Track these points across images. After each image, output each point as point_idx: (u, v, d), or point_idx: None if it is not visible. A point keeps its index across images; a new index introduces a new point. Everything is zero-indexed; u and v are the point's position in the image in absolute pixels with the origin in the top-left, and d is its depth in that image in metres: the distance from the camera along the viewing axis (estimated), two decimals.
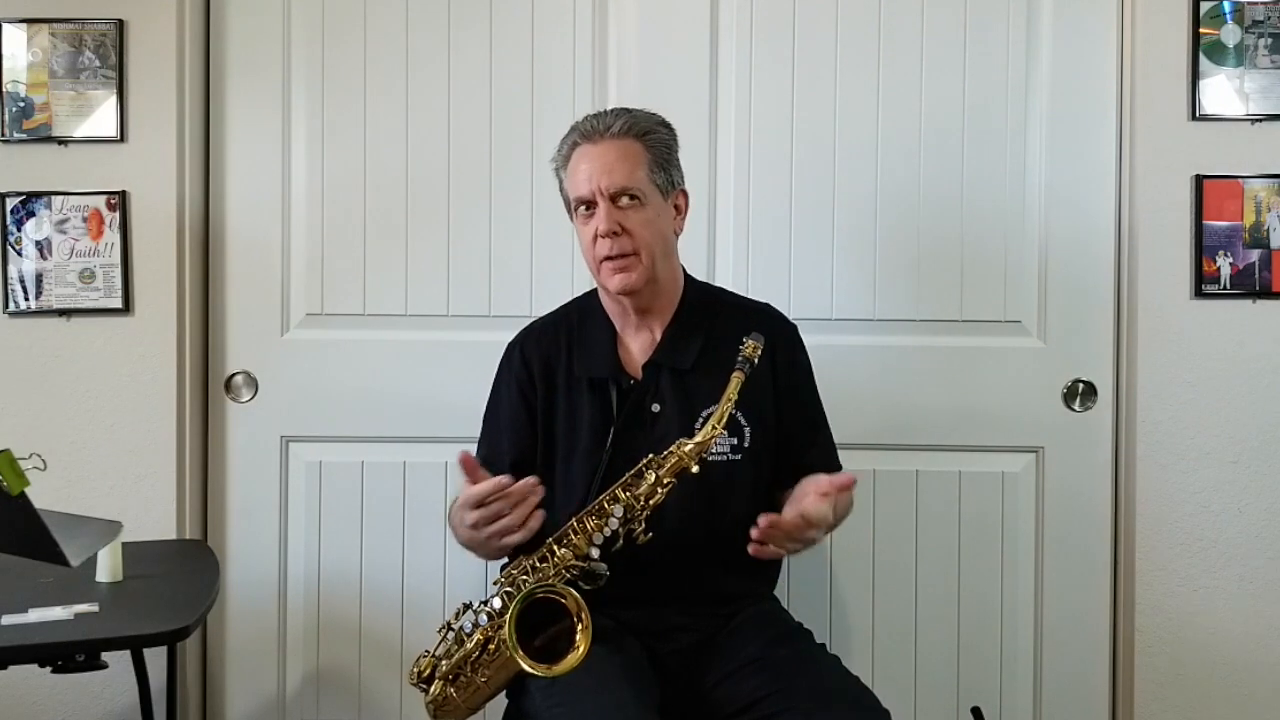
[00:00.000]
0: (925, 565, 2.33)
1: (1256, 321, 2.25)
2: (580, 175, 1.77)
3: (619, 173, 1.75)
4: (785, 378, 1.85)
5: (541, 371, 1.86)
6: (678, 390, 1.80)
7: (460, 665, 1.72)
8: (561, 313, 1.96)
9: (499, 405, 1.91)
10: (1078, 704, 2.33)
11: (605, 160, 1.76)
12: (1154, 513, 2.27)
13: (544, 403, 1.85)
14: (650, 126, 1.81)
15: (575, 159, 1.79)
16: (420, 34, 2.34)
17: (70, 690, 2.24)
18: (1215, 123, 2.25)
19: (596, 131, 1.78)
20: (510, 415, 1.87)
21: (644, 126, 1.80)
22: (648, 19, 2.34)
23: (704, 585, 1.80)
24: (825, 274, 2.33)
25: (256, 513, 2.36)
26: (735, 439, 1.79)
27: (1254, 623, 2.27)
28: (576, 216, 1.82)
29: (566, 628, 1.61)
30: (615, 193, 1.75)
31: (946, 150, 2.31)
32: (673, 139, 1.84)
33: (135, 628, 1.71)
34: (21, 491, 1.49)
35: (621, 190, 1.75)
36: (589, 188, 1.76)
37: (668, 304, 1.85)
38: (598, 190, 1.75)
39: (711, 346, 1.81)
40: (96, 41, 2.25)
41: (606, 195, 1.75)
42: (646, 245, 1.76)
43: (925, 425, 2.32)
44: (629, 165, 1.76)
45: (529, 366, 1.87)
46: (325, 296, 2.35)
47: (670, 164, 1.82)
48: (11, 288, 2.26)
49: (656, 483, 1.65)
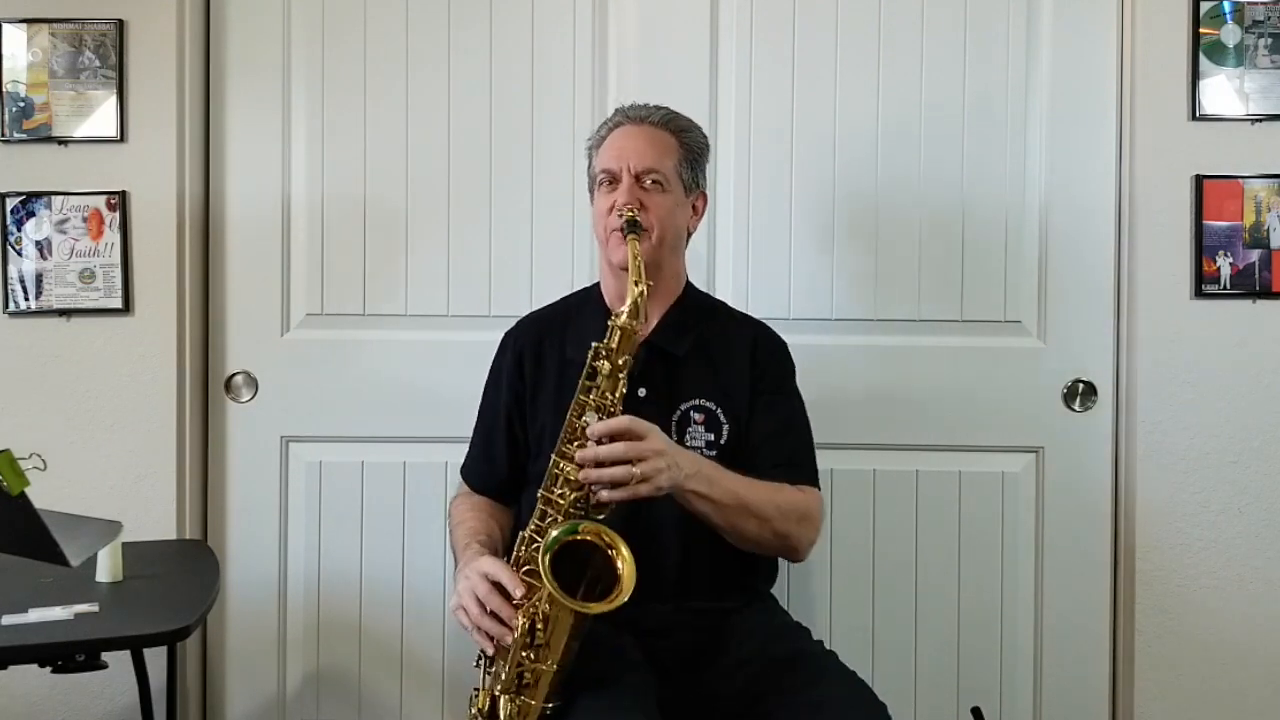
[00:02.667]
0: (925, 565, 2.33)
1: (1256, 321, 2.25)
2: (612, 150, 1.84)
3: (650, 155, 1.82)
4: (763, 380, 1.86)
5: (532, 356, 1.89)
6: (665, 378, 1.81)
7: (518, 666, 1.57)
8: (561, 303, 2.00)
9: (494, 397, 1.94)
10: (1078, 704, 2.33)
11: (640, 142, 1.83)
12: (1154, 513, 2.27)
13: (533, 392, 1.87)
14: (689, 125, 1.89)
15: (612, 137, 1.86)
16: (420, 34, 2.34)
17: (70, 690, 2.24)
18: (1215, 123, 2.25)
19: (639, 116, 1.86)
20: (503, 408, 1.90)
21: (683, 124, 1.88)
22: (648, 19, 2.34)
23: (694, 579, 1.79)
24: (825, 274, 2.33)
25: (256, 513, 2.36)
26: (713, 434, 1.80)
27: (1254, 623, 2.27)
28: (598, 190, 1.86)
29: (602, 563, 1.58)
30: (641, 171, 1.81)
31: (947, 150, 2.31)
32: (706, 144, 1.91)
33: (135, 628, 1.71)
34: (21, 491, 1.49)
35: (648, 170, 1.81)
36: (618, 163, 1.81)
37: (667, 295, 1.87)
38: (626, 167, 1.80)
39: (703, 344, 1.84)
40: (96, 41, 2.25)
41: (633, 173, 1.80)
42: (660, 226, 1.80)
43: (925, 425, 2.32)
44: (660, 151, 1.83)
45: (519, 355, 1.91)
46: (325, 296, 2.35)
47: (699, 165, 1.89)
48: (11, 288, 2.26)
49: (614, 371, 1.64)
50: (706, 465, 1.69)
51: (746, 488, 1.70)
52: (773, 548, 1.78)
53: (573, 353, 1.83)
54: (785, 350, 1.93)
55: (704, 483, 1.65)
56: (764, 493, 1.72)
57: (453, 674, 2.35)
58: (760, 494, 1.71)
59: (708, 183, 1.88)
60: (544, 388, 1.86)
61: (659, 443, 1.60)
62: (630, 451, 1.57)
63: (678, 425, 1.80)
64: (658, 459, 1.58)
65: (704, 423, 1.79)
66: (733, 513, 1.69)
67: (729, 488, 1.68)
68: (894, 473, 2.33)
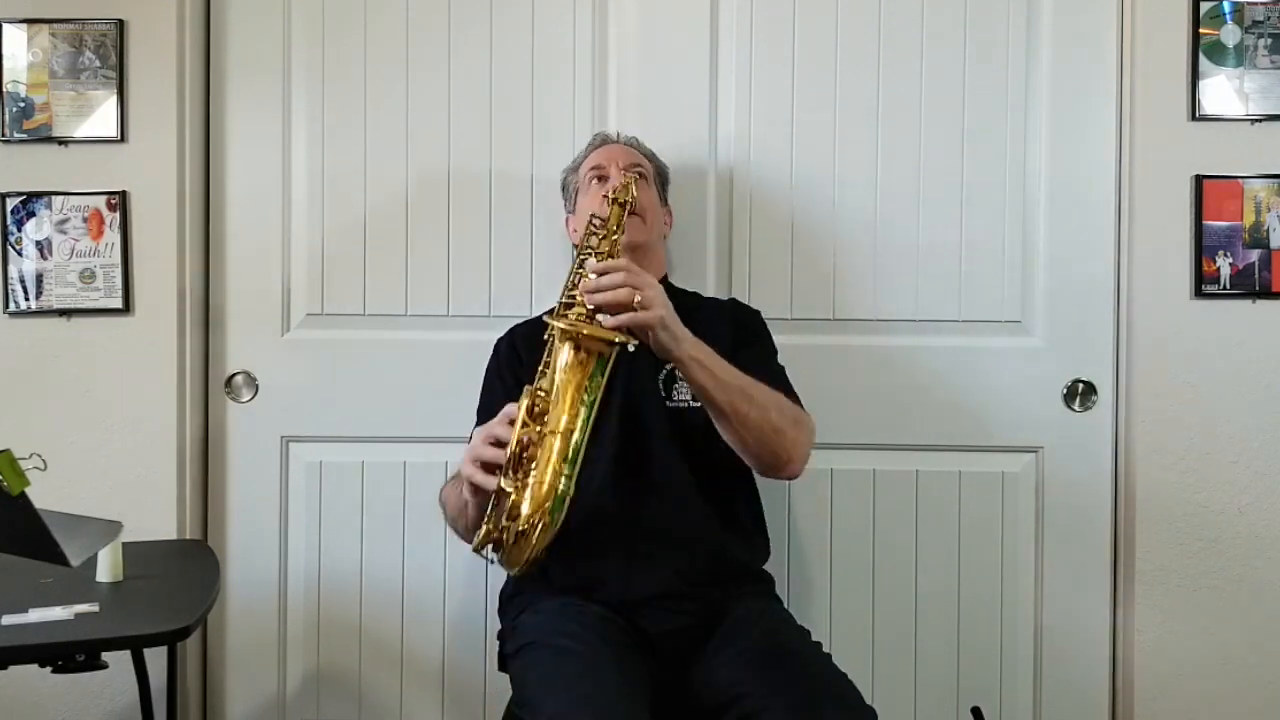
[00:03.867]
0: (925, 565, 2.33)
1: (1256, 321, 2.25)
2: (595, 158, 2.07)
3: (635, 158, 2.08)
4: (741, 332, 1.97)
5: (525, 342, 1.96)
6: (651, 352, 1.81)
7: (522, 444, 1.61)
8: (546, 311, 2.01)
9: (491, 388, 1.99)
10: (1078, 704, 2.33)
11: (621, 150, 2.10)
12: (1154, 513, 2.27)
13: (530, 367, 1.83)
14: (654, 153, 2.16)
15: (591, 155, 2.10)
16: (420, 34, 2.34)
17: (70, 690, 2.24)
18: (1215, 123, 2.25)
19: (613, 139, 2.15)
20: (501, 395, 1.89)
21: (650, 150, 2.15)
22: (648, 19, 2.34)
23: (695, 562, 1.81)
24: (825, 274, 2.33)
25: (256, 513, 2.36)
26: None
27: (1254, 623, 2.27)
28: (584, 187, 2.06)
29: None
30: (629, 165, 2.03)
31: (946, 149, 2.31)
32: (668, 176, 2.18)
33: (135, 628, 1.71)
34: (21, 491, 1.49)
35: (634, 164, 2.04)
36: (607, 159, 2.05)
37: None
38: (615, 162, 2.03)
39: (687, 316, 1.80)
40: (96, 41, 2.25)
41: (621, 167, 2.02)
42: (649, 211, 2.00)
43: (925, 425, 2.32)
44: (640, 158, 2.10)
45: (515, 349, 2.00)
46: (325, 296, 2.35)
47: (666, 185, 2.16)
48: (11, 288, 2.26)
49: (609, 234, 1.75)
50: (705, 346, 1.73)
51: (742, 374, 1.73)
52: (768, 446, 1.76)
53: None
54: (761, 318, 2.06)
55: (704, 352, 1.70)
56: (764, 386, 1.75)
57: (453, 674, 2.35)
58: (760, 386, 1.74)
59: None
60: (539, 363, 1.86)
61: (658, 287, 1.68)
62: (629, 279, 1.64)
63: (664, 381, 1.91)
64: (654, 292, 1.65)
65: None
66: (733, 391, 1.71)
67: (728, 367, 1.72)
68: (894, 473, 2.33)
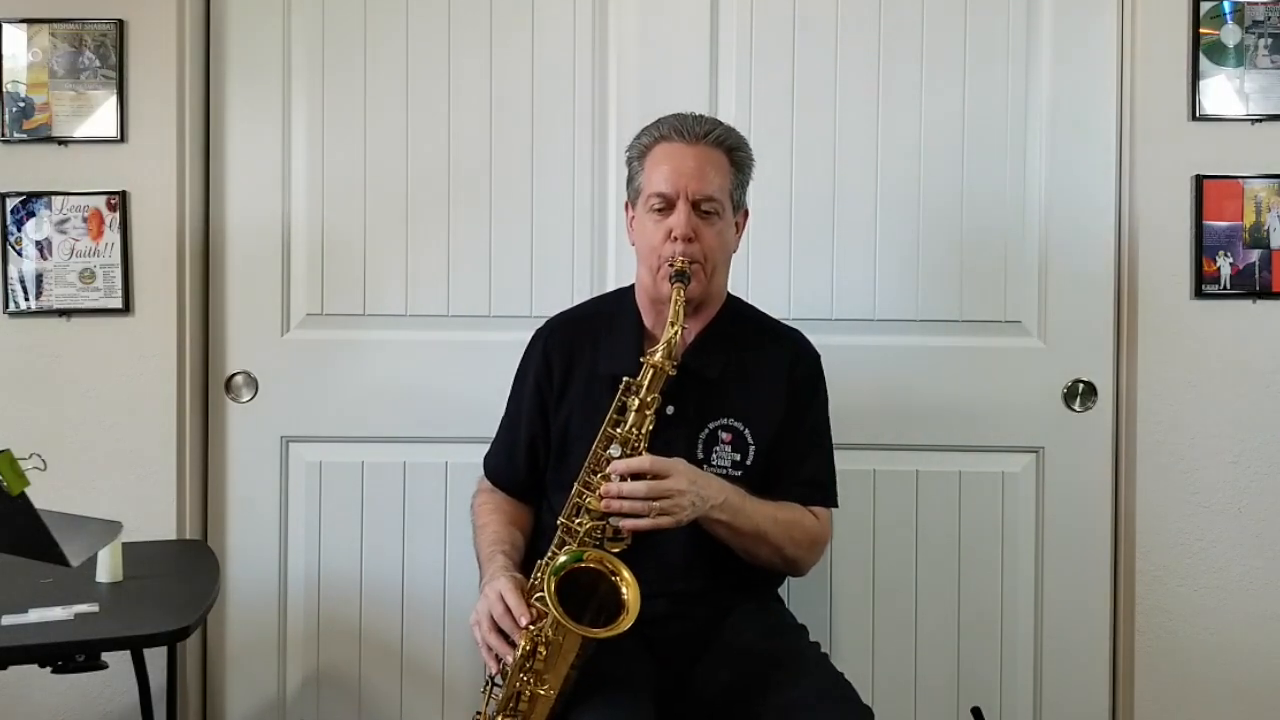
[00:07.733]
0: (925, 565, 2.33)
1: (1256, 321, 2.25)
2: (664, 171, 1.77)
3: (707, 181, 1.76)
4: (798, 396, 1.86)
5: (562, 366, 1.87)
6: (695, 397, 1.79)
7: (516, 688, 1.59)
8: (593, 307, 1.98)
9: (520, 395, 1.93)
10: (1078, 704, 2.33)
11: (696, 164, 1.76)
12: (1154, 513, 2.27)
13: (558, 397, 1.86)
14: (739, 143, 1.83)
15: (661, 152, 1.79)
16: (420, 34, 2.33)
17: (70, 690, 2.24)
18: (1215, 123, 2.25)
19: (692, 133, 1.78)
20: (527, 408, 1.89)
21: (734, 142, 1.82)
22: (648, 19, 2.33)
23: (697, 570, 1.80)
24: (825, 274, 2.33)
25: (256, 513, 2.36)
26: (739, 455, 1.80)
27: (1254, 623, 2.27)
28: (645, 209, 1.79)
29: (607, 590, 1.60)
30: (699, 199, 1.75)
31: (947, 149, 2.31)
32: (752, 161, 1.86)
33: (135, 628, 1.71)
34: (21, 491, 1.49)
35: (706, 198, 1.75)
36: (674, 187, 1.75)
37: (706, 314, 1.86)
38: (684, 192, 1.74)
39: (739, 364, 1.83)
40: (96, 41, 2.25)
41: (690, 200, 1.75)
42: (712, 256, 1.77)
43: (925, 425, 2.32)
44: (717, 175, 1.77)
45: (549, 360, 1.88)
46: (325, 296, 2.35)
47: (745, 184, 1.85)
48: (11, 288, 2.26)
49: (642, 407, 1.66)
50: (733, 494, 1.71)
51: (767, 519, 1.74)
52: (776, 568, 1.82)
53: (604, 368, 1.82)
54: (819, 364, 1.92)
55: (729, 511, 1.70)
56: (782, 525, 1.76)
57: (452, 674, 2.35)
58: (779, 526, 1.75)
59: None
60: (569, 394, 1.85)
61: (682, 481, 1.63)
62: (651, 492, 1.60)
63: (705, 443, 1.80)
64: (680, 498, 1.62)
65: (731, 442, 1.79)
66: (749, 539, 1.74)
67: (751, 517, 1.72)
68: (894, 473, 2.33)
